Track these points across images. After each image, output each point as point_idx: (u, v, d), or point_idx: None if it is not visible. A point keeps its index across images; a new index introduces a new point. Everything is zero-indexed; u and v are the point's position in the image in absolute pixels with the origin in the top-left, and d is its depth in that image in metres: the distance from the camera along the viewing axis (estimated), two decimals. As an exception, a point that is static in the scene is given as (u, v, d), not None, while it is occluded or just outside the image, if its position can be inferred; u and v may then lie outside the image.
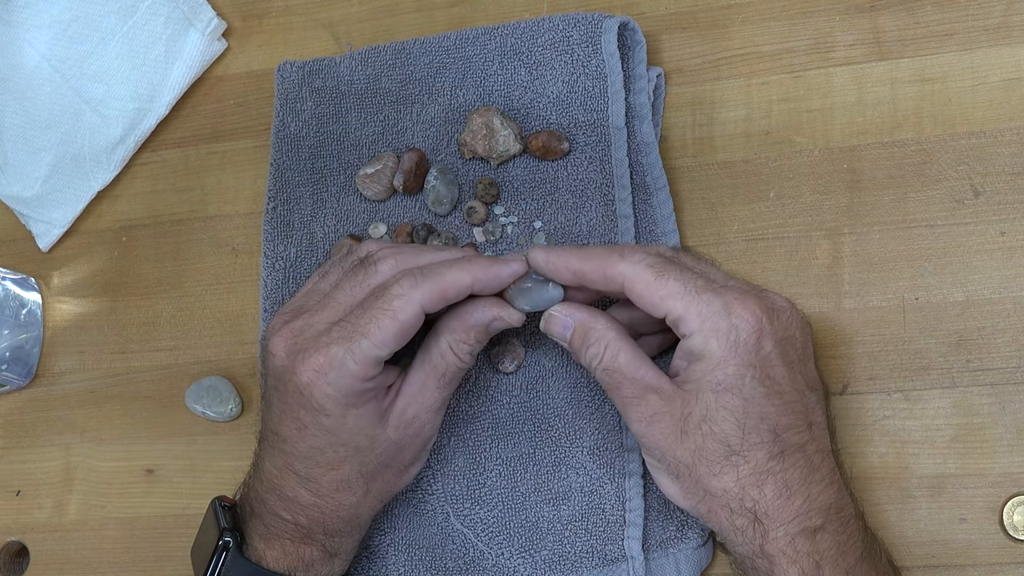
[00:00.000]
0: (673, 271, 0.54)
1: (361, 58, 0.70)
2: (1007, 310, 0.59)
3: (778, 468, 0.52)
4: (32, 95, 0.75)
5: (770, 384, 0.53)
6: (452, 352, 0.57)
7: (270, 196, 0.70)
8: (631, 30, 0.65)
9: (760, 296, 0.54)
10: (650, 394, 0.54)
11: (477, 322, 0.57)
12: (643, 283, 0.54)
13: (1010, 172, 0.61)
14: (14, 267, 0.76)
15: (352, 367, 0.55)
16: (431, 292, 0.55)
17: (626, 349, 0.55)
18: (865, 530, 0.54)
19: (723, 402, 0.52)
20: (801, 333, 0.55)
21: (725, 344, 0.52)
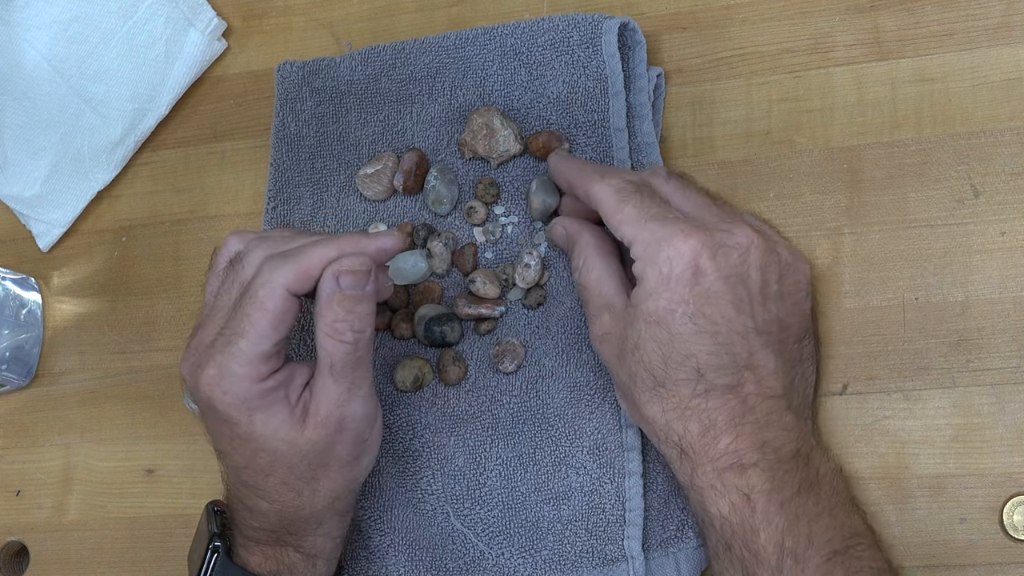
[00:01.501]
0: (634, 198, 0.55)
1: (361, 58, 0.70)
2: (1007, 310, 0.59)
3: (703, 407, 0.53)
4: (32, 95, 0.75)
5: (702, 322, 0.53)
6: (328, 338, 0.55)
7: (270, 196, 0.70)
8: (631, 30, 0.65)
9: (712, 231, 0.54)
10: (604, 312, 0.56)
11: (328, 296, 0.54)
12: (606, 206, 0.56)
13: (1010, 172, 0.61)
14: (14, 267, 0.76)
15: (239, 370, 0.54)
16: (294, 272, 0.54)
17: (598, 266, 0.57)
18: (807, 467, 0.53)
19: (651, 332, 0.53)
20: (761, 273, 0.54)
21: (657, 275, 0.53)
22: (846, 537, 0.52)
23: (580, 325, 0.62)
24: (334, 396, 0.55)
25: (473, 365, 0.64)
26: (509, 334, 0.64)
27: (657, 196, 0.56)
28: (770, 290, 0.55)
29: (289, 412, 0.56)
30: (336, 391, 0.55)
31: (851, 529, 0.53)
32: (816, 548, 0.51)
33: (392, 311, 0.66)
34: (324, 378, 0.55)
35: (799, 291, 0.56)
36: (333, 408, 0.56)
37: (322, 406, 0.56)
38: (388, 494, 0.64)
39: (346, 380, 0.55)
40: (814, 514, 0.52)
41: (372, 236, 0.57)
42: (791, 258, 0.57)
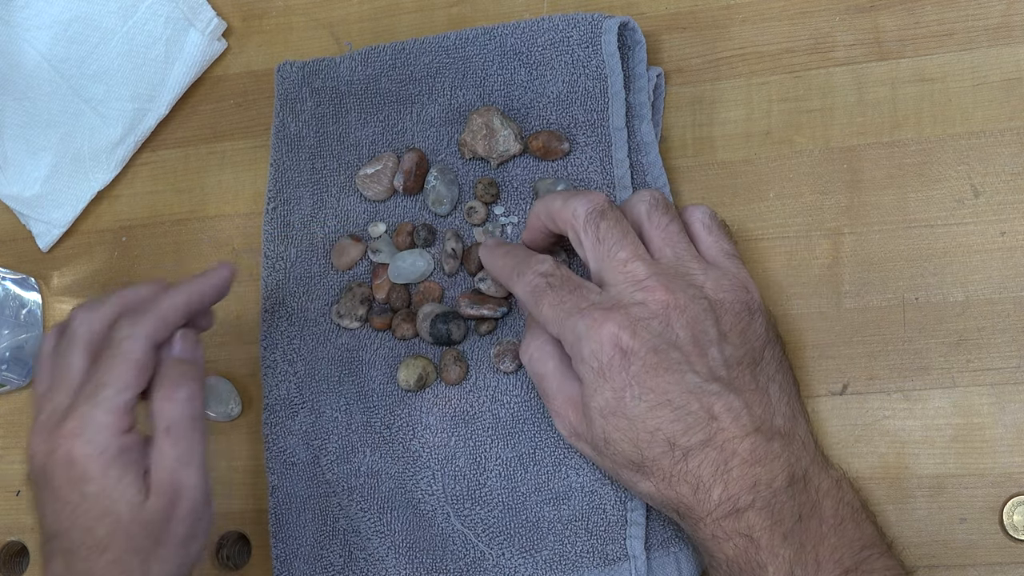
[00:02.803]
0: (548, 297, 0.56)
1: (361, 58, 0.70)
2: (1007, 310, 0.59)
3: (685, 470, 0.52)
4: (32, 95, 0.75)
5: (652, 396, 0.53)
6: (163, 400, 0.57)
7: (270, 196, 0.70)
8: (631, 30, 0.65)
9: (626, 308, 0.53)
10: (571, 410, 0.56)
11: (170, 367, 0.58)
12: (528, 306, 0.57)
13: (1010, 172, 0.61)
14: (14, 267, 0.76)
15: (103, 419, 0.55)
16: (153, 322, 0.58)
17: (554, 355, 0.57)
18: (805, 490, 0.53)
19: (612, 424, 0.54)
20: (690, 329, 0.54)
21: (591, 372, 0.54)
22: (856, 552, 0.52)
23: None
24: (171, 460, 0.57)
25: (474, 365, 0.64)
26: (509, 334, 0.64)
27: (568, 282, 0.56)
28: (707, 339, 0.54)
29: (136, 474, 0.56)
30: (173, 454, 0.57)
31: (861, 542, 0.53)
32: (826, 571, 0.51)
33: (393, 311, 0.66)
34: (161, 442, 0.57)
35: (741, 320, 0.55)
36: (170, 474, 0.56)
37: (161, 471, 0.56)
38: (388, 495, 0.64)
39: (183, 442, 0.57)
40: (819, 536, 0.52)
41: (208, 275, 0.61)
42: (722, 293, 0.55)
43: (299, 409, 0.66)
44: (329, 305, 0.67)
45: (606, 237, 0.56)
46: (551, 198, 0.58)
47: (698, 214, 0.59)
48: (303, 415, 0.66)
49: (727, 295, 0.55)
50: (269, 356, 0.68)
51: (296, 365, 0.67)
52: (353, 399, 0.65)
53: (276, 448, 0.67)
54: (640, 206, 0.58)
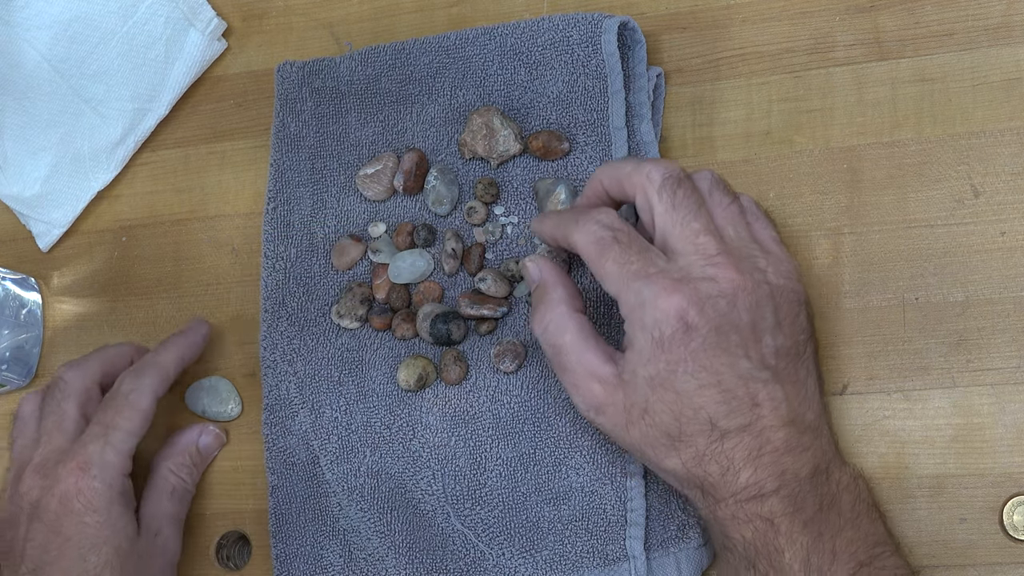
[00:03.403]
0: (613, 251, 0.54)
1: (361, 58, 0.70)
2: (1007, 310, 0.59)
3: (719, 450, 0.53)
4: (32, 95, 0.75)
5: (704, 375, 0.52)
6: (173, 474, 0.67)
7: (270, 196, 0.70)
8: (631, 30, 0.65)
9: (696, 283, 0.53)
10: (593, 383, 0.55)
11: (187, 445, 0.68)
12: (588, 257, 0.55)
13: (1010, 172, 0.61)
14: (14, 267, 0.76)
15: (113, 459, 0.62)
16: (157, 377, 0.65)
17: (571, 328, 0.56)
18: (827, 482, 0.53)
19: (658, 396, 0.53)
20: (751, 314, 0.53)
21: (650, 340, 0.53)
22: (870, 547, 0.52)
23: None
24: (166, 513, 0.66)
25: (474, 365, 0.64)
26: (509, 334, 0.64)
27: (635, 242, 0.55)
28: (764, 325, 0.54)
29: (132, 513, 0.63)
30: (168, 510, 0.66)
31: (874, 538, 0.53)
32: (841, 562, 0.51)
33: (393, 311, 0.66)
34: (161, 496, 0.66)
35: (793, 309, 0.55)
36: (163, 523, 0.65)
37: (154, 517, 0.65)
38: (388, 495, 0.64)
39: (181, 505, 0.67)
40: (837, 528, 0.52)
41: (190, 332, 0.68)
42: (781, 280, 0.55)
43: (299, 409, 0.66)
44: (329, 305, 0.67)
45: (681, 205, 0.55)
46: (619, 163, 0.57)
47: (746, 200, 0.59)
48: (303, 415, 0.66)
49: (785, 283, 0.55)
50: (269, 356, 0.68)
51: (296, 365, 0.67)
52: (353, 399, 0.65)
53: (276, 448, 0.67)
54: (702, 183, 0.57)
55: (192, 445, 0.68)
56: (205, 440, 0.68)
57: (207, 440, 0.69)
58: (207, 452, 0.69)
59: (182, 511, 0.67)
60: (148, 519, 0.64)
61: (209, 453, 0.69)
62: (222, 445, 0.69)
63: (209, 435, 0.69)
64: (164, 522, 0.65)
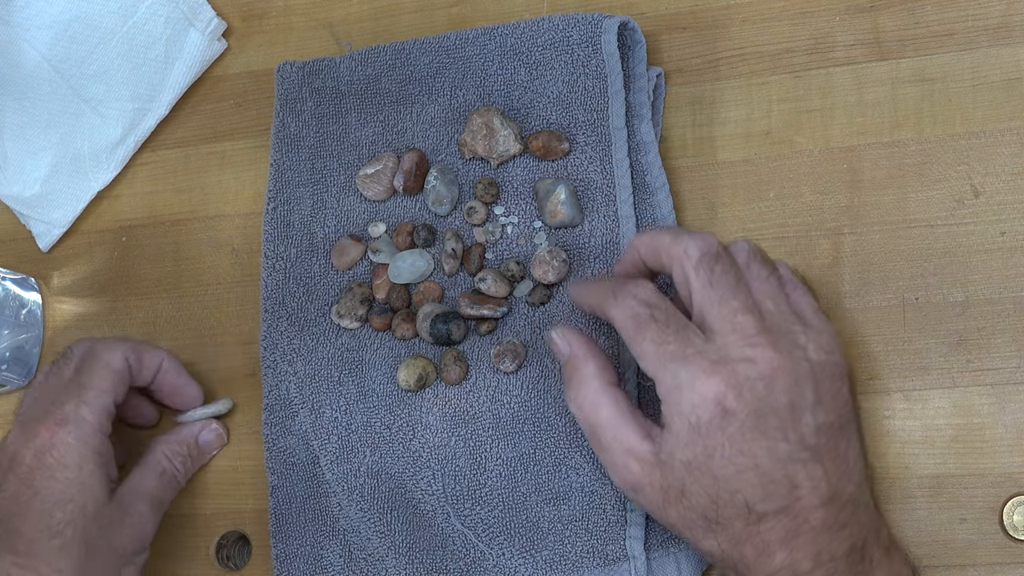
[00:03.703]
0: (650, 330, 0.53)
1: (361, 58, 0.70)
2: (1007, 310, 0.59)
3: (755, 532, 0.52)
4: (32, 95, 0.75)
5: (742, 460, 0.51)
6: (166, 458, 0.67)
7: (270, 196, 0.70)
8: (631, 30, 0.65)
9: (734, 365, 0.52)
10: (631, 461, 0.54)
11: (187, 436, 0.68)
12: (624, 334, 0.55)
13: (1010, 172, 0.61)
14: (14, 267, 0.76)
15: (88, 415, 0.61)
16: (133, 347, 0.65)
17: (606, 404, 0.55)
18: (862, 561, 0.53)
19: (695, 479, 0.52)
20: (789, 395, 0.52)
21: (687, 425, 0.52)
22: None
23: (582, 324, 0.62)
24: (147, 490, 0.65)
25: (474, 365, 0.64)
26: (510, 334, 0.64)
27: (673, 320, 0.54)
28: (804, 403, 0.52)
29: (106, 478, 0.62)
30: (150, 489, 0.65)
31: None
32: None
33: (393, 311, 0.66)
34: (146, 473, 0.65)
35: (834, 384, 0.54)
36: (141, 499, 0.64)
37: (133, 491, 0.64)
38: (388, 495, 0.64)
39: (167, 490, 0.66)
40: None
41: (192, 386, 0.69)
42: (822, 355, 0.54)
43: (299, 409, 0.66)
44: (329, 305, 0.67)
45: (719, 282, 0.54)
46: (657, 233, 0.56)
47: (783, 269, 0.57)
48: (303, 415, 0.66)
49: (826, 358, 0.54)
50: (269, 356, 0.68)
51: (296, 365, 0.67)
52: (353, 399, 0.65)
53: (276, 448, 0.67)
54: (740, 255, 0.56)
55: (192, 438, 0.68)
56: (206, 436, 0.69)
57: (208, 437, 0.69)
58: (206, 448, 0.69)
59: (165, 496, 0.66)
60: (126, 491, 0.63)
61: (208, 450, 0.69)
62: (222, 446, 0.69)
63: (211, 432, 0.69)
64: (142, 498, 0.64)
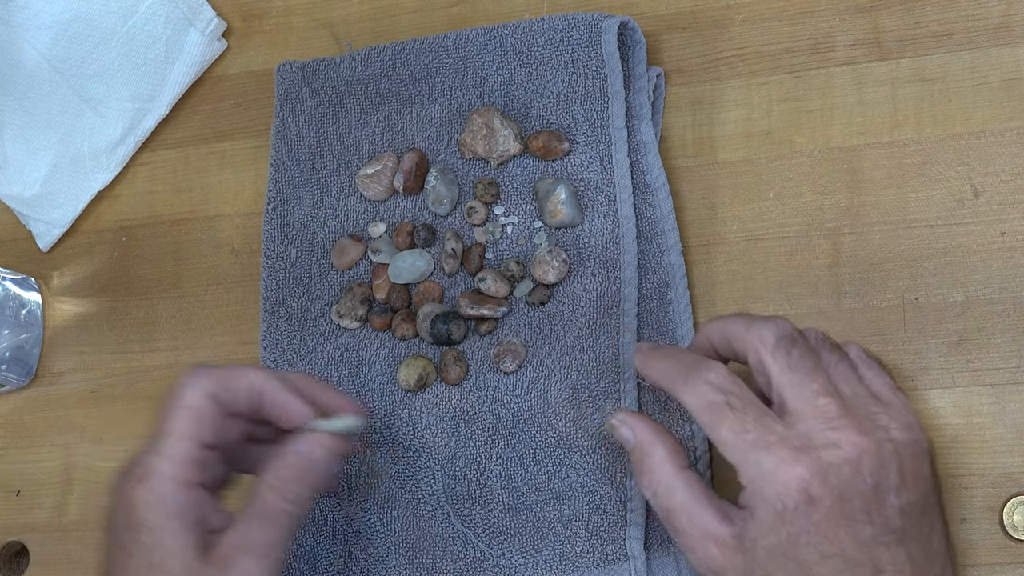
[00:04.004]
0: (727, 419, 0.52)
1: (361, 58, 0.70)
2: (1007, 310, 0.59)
3: None
4: (32, 95, 0.75)
5: (827, 546, 0.51)
6: (271, 492, 0.55)
7: (270, 196, 0.70)
8: (631, 30, 0.65)
9: (818, 452, 0.51)
10: (711, 545, 0.53)
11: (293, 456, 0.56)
12: (700, 421, 0.53)
13: (1010, 172, 0.61)
14: (14, 267, 0.76)
15: (165, 469, 0.54)
16: (216, 376, 0.55)
17: (681, 488, 0.54)
18: None
19: (779, 565, 0.51)
20: (874, 477, 0.51)
21: (772, 512, 0.51)
22: None
23: (582, 325, 0.62)
24: (250, 542, 0.54)
25: (474, 365, 0.64)
26: (510, 334, 0.64)
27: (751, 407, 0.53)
28: (888, 485, 0.52)
29: (199, 538, 0.54)
30: (254, 539, 0.54)
31: None
32: None
33: (393, 311, 0.66)
34: (249, 521, 0.54)
35: (917, 462, 0.53)
36: (242, 553, 0.53)
37: (231, 548, 0.54)
38: (388, 495, 0.64)
39: (268, 534, 0.54)
40: None
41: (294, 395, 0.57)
42: (905, 434, 0.53)
43: (299, 409, 0.66)
44: (329, 305, 0.67)
45: (798, 366, 0.53)
46: (728, 320, 0.55)
47: (854, 351, 0.57)
48: (303, 415, 0.66)
49: (908, 436, 0.53)
50: (269, 356, 0.68)
51: (296, 365, 0.67)
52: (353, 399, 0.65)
53: (276, 448, 0.67)
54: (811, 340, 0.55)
55: (297, 457, 0.56)
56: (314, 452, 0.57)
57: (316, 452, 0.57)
58: (317, 465, 0.56)
59: (275, 538, 0.54)
60: (227, 546, 0.54)
61: (321, 467, 0.57)
62: (340, 455, 0.57)
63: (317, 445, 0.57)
64: (246, 551, 0.54)
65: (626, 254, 0.63)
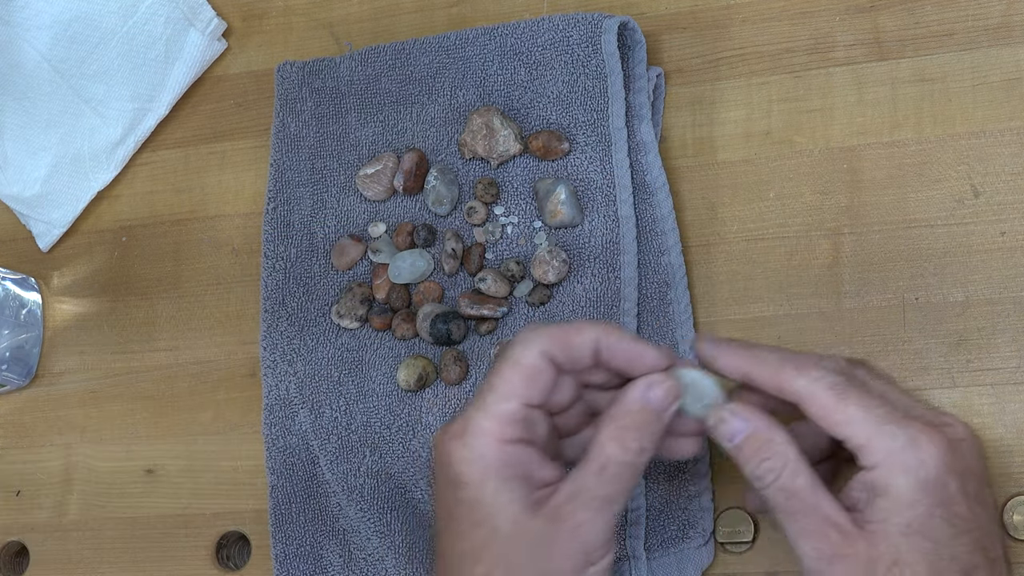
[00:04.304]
0: (853, 395, 0.51)
1: (361, 58, 0.70)
2: (1007, 310, 0.59)
3: None
4: (32, 95, 0.75)
5: (958, 523, 0.50)
6: (612, 440, 0.52)
7: (270, 196, 0.70)
8: (631, 30, 0.65)
9: (943, 428, 0.51)
10: (830, 530, 0.51)
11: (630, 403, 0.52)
12: (821, 405, 0.51)
13: (1010, 172, 0.61)
14: (14, 267, 0.76)
15: (485, 424, 0.51)
16: (552, 336, 0.52)
17: (806, 471, 0.52)
18: None
19: (914, 545, 0.50)
20: (978, 462, 0.52)
21: (913, 483, 0.50)
22: None
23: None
24: (586, 494, 0.51)
25: (474, 365, 0.64)
26: (510, 334, 0.64)
27: (871, 385, 0.53)
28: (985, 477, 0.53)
29: (526, 492, 0.51)
30: (591, 491, 0.51)
31: None
32: None
33: (392, 311, 0.66)
34: (586, 474, 0.51)
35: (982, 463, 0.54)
36: (577, 505, 0.51)
37: (566, 497, 0.51)
38: (388, 495, 0.64)
39: (607, 487, 0.51)
40: None
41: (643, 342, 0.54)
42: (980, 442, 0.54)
43: (299, 409, 0.66)
44: (329, 305, 0.67)
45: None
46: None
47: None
48: (303, 415, 0.66)
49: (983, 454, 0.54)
50: (269, 356, 0.68)
51: (296, 365, 0.67)
52: (353, 399, 0.65)
53: (276, 448, 0.67)
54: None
55: (636, 403, 0.53)
56: (653, 394, 0.53)
57: (656, 393, 0.53)
58: (659, 407, 0.53)
59: (613, 493, 0.51)
60: (560, 498, 0.51)
61: (662, 408, 0.53)
62: (676, 399, 0.53)
63: (657, 387, 0.53)
64: (581, 503, 0.51)
65: (626, 254, 0.63)
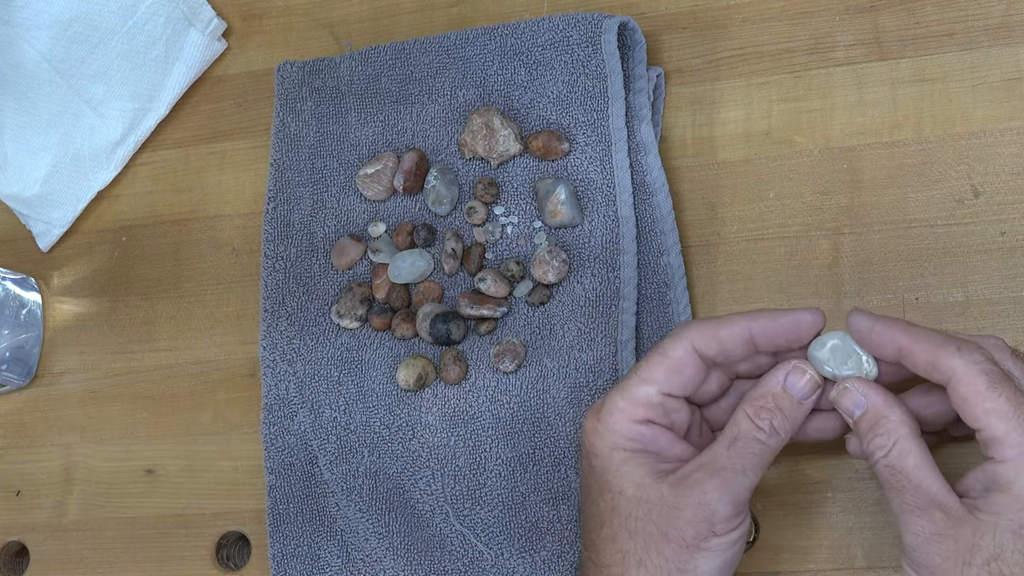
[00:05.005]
0: (1007, 388, 0.51)
1: (361, 58, 0.70)
2: (1007, 310, 0.59)
3: None
4: (32, 95, 0.75)
5: None
6: (747, 418, 0.54)
7: (270, 196, 0.70)
8: (631, 30, 0.65)
9: None
10: (935, 510, 0.52)
11: (770, 386, 0.55)
12: (971, 388, 0.51)
13: (1010, 172, 0.61)
14: (14, 267, 0.76)
15: (620, 403, 0.55)
16: (702, 330, 0.55)
17: (915, 451, 0.53)
18: None
19: (1021, 547, 0.50)
20: None
21: None
22: None
23: (581, 325, 0.62)
24: (716, 463, 0.54)
25: (473, 365, 0.64)
26: (509, 334, 0.64)
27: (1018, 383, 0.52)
28: None
29: (653, 462, 0.55)
30: (721, 461, 0.54)
31: None
32: None
33: (392, 311, 0.66)
34: (717, 446, 0.54)
35: None
36: (705, 474, 0.53)
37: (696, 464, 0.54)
38: (387, 495, 0.64)
39: (737, 460, 0.54)
40: None
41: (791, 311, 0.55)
42: None
43: (298, 409, 0.66)
44: (329, 305, 0.67)
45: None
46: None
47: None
48: (302, 415, 0.66)
49: None
50: (269, 356, 0.68)
51: (296, 365, 0.67)
52: (352, 399, 0.65)
53: (275, 448, 0.67)
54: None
55: (778, 386, 0.55)
56: (793, 380, 0.55)
57: (797, 381, 0.55)
58: (801, 394, 0.55)
59: (743, 466, 0.54)
60: (691, 468, 0.54)
61: (803, 395, 0.55)
62: (817, 390, 0.55)
63: (799, 375, 0.55)
64: (709, 474, 0.53)
65: (626, 254, 0.63)
